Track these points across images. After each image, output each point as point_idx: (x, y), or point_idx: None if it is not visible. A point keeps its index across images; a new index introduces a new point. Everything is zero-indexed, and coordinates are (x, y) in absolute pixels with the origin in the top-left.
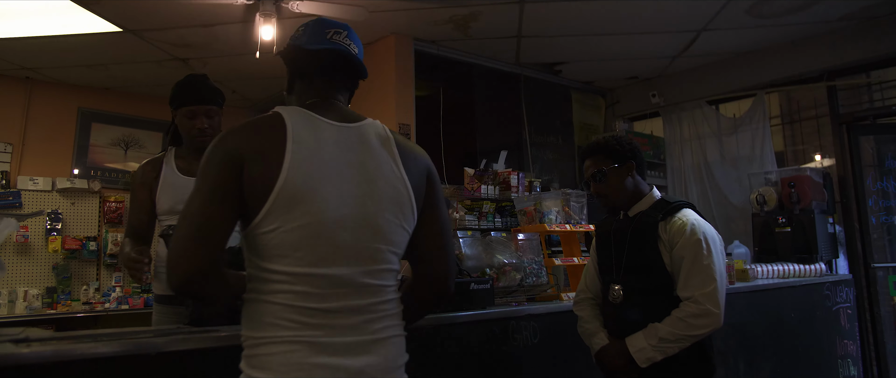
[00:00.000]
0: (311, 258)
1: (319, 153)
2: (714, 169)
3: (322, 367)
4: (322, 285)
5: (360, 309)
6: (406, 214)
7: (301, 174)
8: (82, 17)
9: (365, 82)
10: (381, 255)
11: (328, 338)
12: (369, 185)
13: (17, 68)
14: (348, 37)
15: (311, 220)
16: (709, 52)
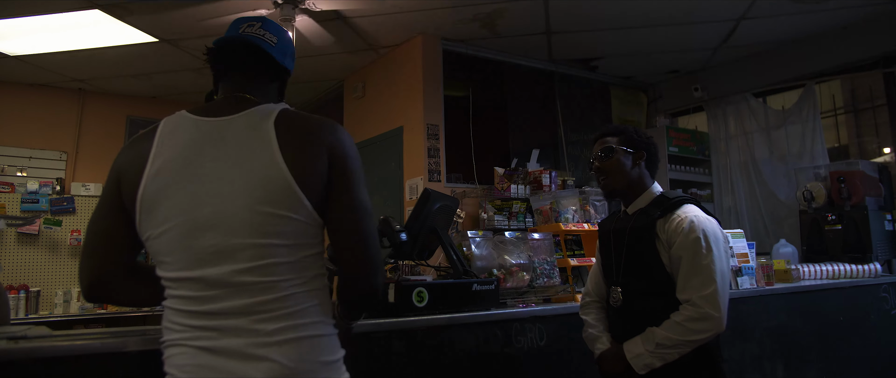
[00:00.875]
0: (182, 262)
1: (180, 156)
2: (761, 165)
3: (209, 368)
4: (198, 288)
5: (247, 309)
6: (287, 202)
7: (157, 182)
8: (120, 29)
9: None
10: (259, 250)
11: (215, 341)
12: (233, 180)
13: (69, 80)
14: (263, 28)
15: (172, 225)
16: (752, 42)
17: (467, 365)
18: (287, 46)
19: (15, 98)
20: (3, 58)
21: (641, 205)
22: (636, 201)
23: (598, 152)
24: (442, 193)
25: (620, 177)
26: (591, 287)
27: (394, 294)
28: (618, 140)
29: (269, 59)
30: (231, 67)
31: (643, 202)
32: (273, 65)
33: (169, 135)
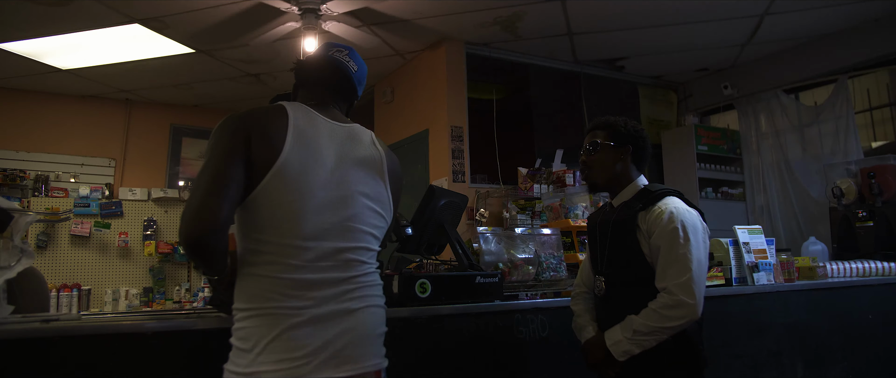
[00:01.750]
0: (298, 232)
1: (315, 141)
2: (794, 162)
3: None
4: (307, 257)
5: (342, 280)
6: (383, 204)
7: (297, 155)
8: (159, 42)
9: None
10: (360, 235)
11: (310, 309)
12: (354, 175)
13: (116, 91)
14: (349, 56)
15: (301, 197)
16: (780, 37)
17: (468, 353)
18: (363, 75)
19: (68, 109)
20: (56, 72)
21: (626, 197)
22: (621, 194)
23: (586, 146)
24: (448, 190)
25: (603, 171)
26: (581, 278)
27: (397, 285)
28: (604, 134)
29: (351, 84)
30: (322, 83)
31: (628, 195)
32: (352, 90)
33: (303, 119)
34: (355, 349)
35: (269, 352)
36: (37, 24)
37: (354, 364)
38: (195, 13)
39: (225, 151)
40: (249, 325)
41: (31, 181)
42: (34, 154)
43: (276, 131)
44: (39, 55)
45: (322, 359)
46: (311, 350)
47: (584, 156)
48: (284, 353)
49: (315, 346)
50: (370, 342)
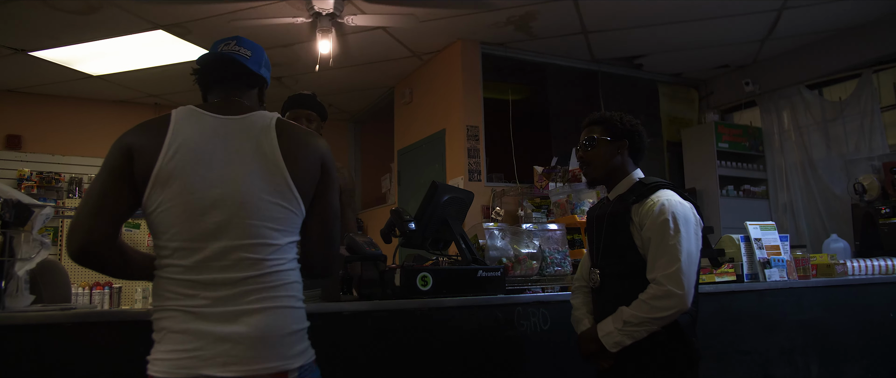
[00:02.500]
0: (186, 234)
1: (194, 142)
2: (817, 158)
3: (194, 332)
4: (197, 259)
5: (235, 281)
6: (284, 192)
7: (174, 161)
8: (183, 47)
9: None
10: (255, 230)
11: (203, 308)
12: (241, 168)
13: (145, 96)
14: (237, 44)
15: (183, 200)
16: (801, 31)
17: (468, 345)
18: (261, 58)
19: (100, 114)
20: (88, 78)
21: (621, 191)
22: (617, 187)
23: (582, 141)
24: (453, 186)
25: (600, 165)
26: (581, 272)
27: (399, 278)
28: (601, 129)
29: (244, 69)
30: (217, 80)
31: (623, 188)
32: (249, 74)
33: (183, 123)
34: (247, 352)
35: (165, 342)
36: (67, 32)
37: (243, 366)
38: (214, 18)
39: (106, 169)
40: (156, 318)
41: (66, 183)
42: (68, 157)
43: (153, 142)
44: (71, 62)
45: (208, 355)
46: (199, 345)
47: (581, 151)
48: (177, 345)
49: (203, 342)
50: (267, 345)
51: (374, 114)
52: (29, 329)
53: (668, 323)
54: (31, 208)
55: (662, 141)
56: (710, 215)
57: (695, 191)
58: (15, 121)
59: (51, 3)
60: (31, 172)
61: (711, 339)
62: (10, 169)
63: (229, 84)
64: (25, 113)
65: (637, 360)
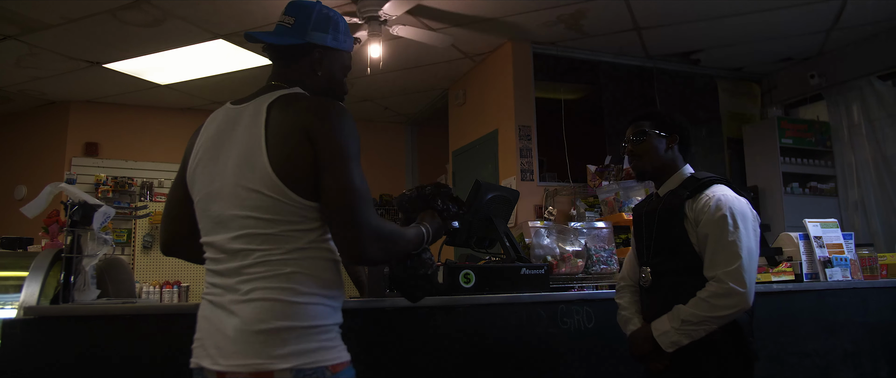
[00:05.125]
0: (204, 229)
1: (209, 139)
2: (891, 153)
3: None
4: (212, 251)
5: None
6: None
7: (195, 160)
8: (242, 55)
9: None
10: (231, 222)
11: (217, 297)
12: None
13: (210, 103)
14: (283, 14)
15: (199, 197)
16: (870, 20)
17: (510, 342)
18: (308, 21)
19: (169, 121)
20: (156, 87)
21: (672, 186)
22: (667, 183)
23: (630, 136)
24: (497, 185)
25: (651, 159)
26: (626, 271)
27: (443, 276)
28: (650, 123)
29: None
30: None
31: (674, 183)
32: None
33: (209, 122)
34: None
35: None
36: (135, 44)
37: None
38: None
39: (174, 179)
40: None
41: (138, 188)
42: (141, 163)
43: (190, 146)
44: (141, 73)
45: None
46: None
47: (630, 146)
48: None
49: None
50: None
51: (429, 116)
52: (94, 320)
53: (727, 322)
54: (94, 207)
55: (722, 138)
56: (772, 214)
57: (756, 188)
58: (93, 129)
59: (119, 17)
60: (106, 177)
61: (767, 340)
62: (88, 174)
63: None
64: (102, 121)
65: (692, 360)
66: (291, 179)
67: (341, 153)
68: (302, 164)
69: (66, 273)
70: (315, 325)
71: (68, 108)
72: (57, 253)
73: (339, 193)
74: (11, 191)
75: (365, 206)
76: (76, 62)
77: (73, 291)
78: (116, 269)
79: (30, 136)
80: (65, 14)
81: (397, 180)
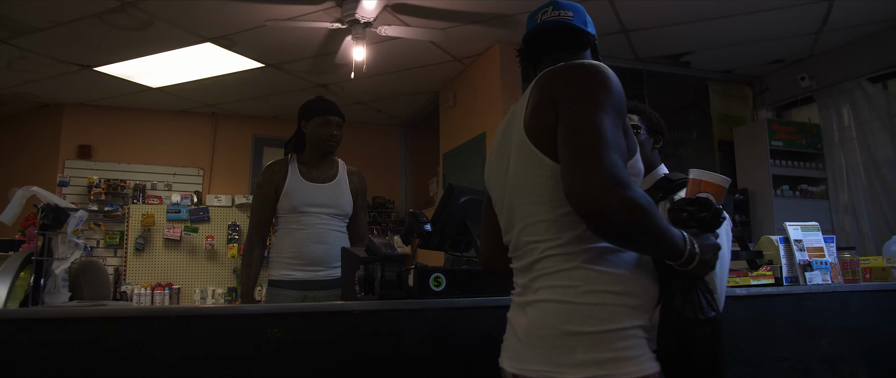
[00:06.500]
0: (503, 227)
1: (494, 140)
2: (881, 155)
3: (509, 318)
4: (510, 249)
5: (526, 268)
6: (529, 159)
7: (488, 164)
8: (231, 58)
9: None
10: (522, 210)
11: (517, 296)
12: (507, 151)
13: (203, 106)
14: (555, 9)
15: (496, 195)
16: (858, 22)
17: (480, 346)
18: (583, 14)
19: (162, 124)
20: (148, 90)
21: (645, 186)
22: (643, 181)
23: None
24: (473, 188)
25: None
26: None
27: (413, 279)
28: (640, 119)
29: (574, 30)
30: (545, 53)
31: (647, 184)
32: (578, 35)
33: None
34: (518, 347)
35: None
36: (124, 47)
37: (516, 362)
38: (256, 30)
39: None
40: None
41: (131, 190)
42: (133, 165)
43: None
44: (132, 76)
45: (506, 345)
46: (506, 336)
47: None
48: None
49: (508, 333)
50: (532, 344)
51: (422, 118)
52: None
53: None
54: (67, 212)
55: (713, 140)
56: (762, 216)
57: (747, 191)
58: (86, 132)
59: (107, 21)
60: (99, 180)
61: (745, 344)
62: (81, 177)
63: (559, 54)
64: (95, 124)
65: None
66: (550, 151)
67: (583, 98)
68: (550, 128)
69: (36, 276)
70: (607, 330)
71: (62, 111)
72: (27, 256)
73: (574, 133)
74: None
75: (607, 149)
76: (67, 65)
77: (43, 294)
78: (92, 272)
79: (23, 139)
80: (52, 18)
81: (391, 183)
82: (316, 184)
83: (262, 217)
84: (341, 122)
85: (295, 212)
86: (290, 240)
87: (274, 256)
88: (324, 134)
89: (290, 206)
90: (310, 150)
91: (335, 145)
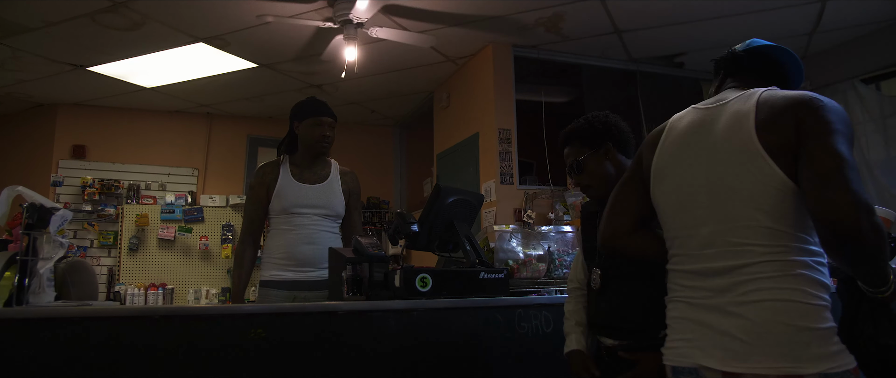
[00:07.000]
0: (680, 223)
1: (680, 136)
2: (874, 157)
3: (692, 320)
4: (693, 247)
5: (727, 269)
6: (759, 167)
7: (663, 157)
8: (225, 59)
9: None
10: (733, 211)
11: (705, 299)
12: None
13: (197, 106)
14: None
15: (674, 190)
16: (850, 23)
17: (465, 346)
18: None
19: (156, 124)
20: (142, 90)
21: None
22: None
23: (570, 166)
24: (461, 189)
25: (602, 182)
26: (574, 273)
27: (399, 279)
28: (578, 145)
29: (776, 64)
30: (741, 70)
31: None
32: (780, 68)
33: (675, 121)
34: (736, 346)
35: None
36: (116, 47)
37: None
38: (249, 30)
39: (626, 175)
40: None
41: (125, 190)
42: (127, 165)
43: (651, 144)
44: (126, 76)
45: (690, 346)
46: (686, 337)
47: (574, 181)
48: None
49: (687, 335)
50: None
51: (417, 119)
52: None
53: None
54: (51, 211)
55: None
56: None
57: None
58: (81, 132)
59: (98, 20)
60: (93, 180)
61: None
62: (75, 177)
63: (753, 75)
64: (89, 124)
65: None
66: (782, 162)
67: (829, 127)
68: (785, 146)
69: (20, 276)
70: (828, 327)
71: (56, 111)
72: (12, 256)
73: (828, 157)
74: None
75: (855, 176)
76: (60, 65)
77: (27, 294)
78: (79, 272)
79: (17, 139)
80: (44, 17)
81: (386, 184)
82: (307, 185)
83: (254, 218)
84: (333, 123)
85: (286, 213)
86: (280, 240)
87: (265, 257)
88: (316, 135)
89: (281, 207)
90: (302, 152)
91: (327, 146)
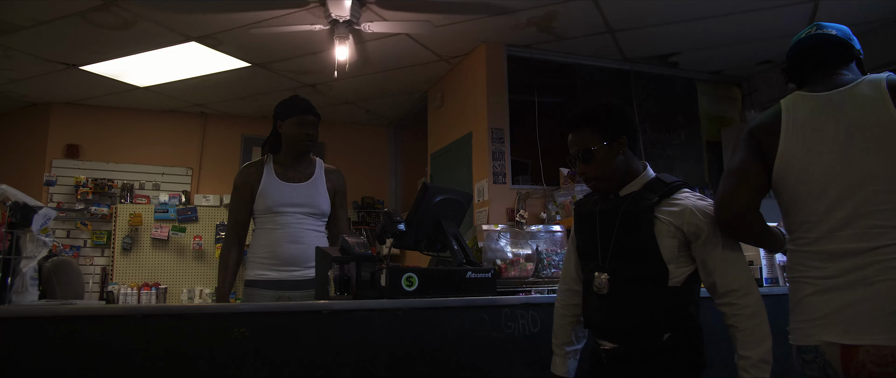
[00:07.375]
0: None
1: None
2: None
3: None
4: (827, 229)
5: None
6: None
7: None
8: (217, 58)
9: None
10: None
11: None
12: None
13: (191, 105)
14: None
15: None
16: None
17: (451, 346)
18: (850, 34)
19: (150, 124)
20: (135, 89)
21: (635, 188)
22: (629, 185)
23: (574, 155)
24: (448, 188)
25: (610, 176)
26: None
27: (385, 278)
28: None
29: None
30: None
31: (636, 185)
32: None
33: (791, 107)
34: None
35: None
36: (108, 46)
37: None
38: (241, 29)
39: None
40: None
41: (119, 189)
42: (121, 165)
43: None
44: (119, 75)
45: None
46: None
47: (579, 170)
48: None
49: (825, 310)
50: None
51: (411, 119)
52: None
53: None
54: (34, 210)
55: (701, 141)
56: None
57: None
58: (74, 131)
59: (90, 19)
60: (86, 179)
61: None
62: (68, 176)
63: (838, 61)
64: (83, 123)
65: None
66: None
67: None
68: None
69: (3, 274)
70: None
71: (49, 110)
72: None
73: None
74: None
75: None
76: (52, 64)
77: (10, 293)
78: (64, 271)
79: (11, 137)
80: (35, 16)
81: (381, 183)
82: (291, 183)
83: (239, 219)
84: (316, 122)
85: (270, 212)
86: (265, 240)
87: (250, 257)
88: (299, 134)
89: (265, 206)
90: (285, 151)
91: (311, 145)
